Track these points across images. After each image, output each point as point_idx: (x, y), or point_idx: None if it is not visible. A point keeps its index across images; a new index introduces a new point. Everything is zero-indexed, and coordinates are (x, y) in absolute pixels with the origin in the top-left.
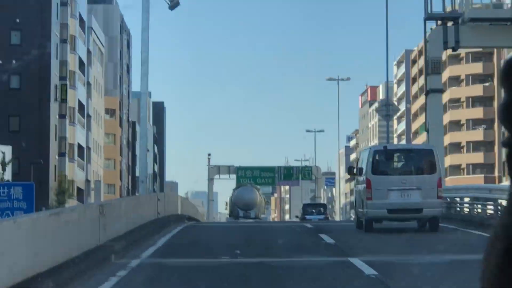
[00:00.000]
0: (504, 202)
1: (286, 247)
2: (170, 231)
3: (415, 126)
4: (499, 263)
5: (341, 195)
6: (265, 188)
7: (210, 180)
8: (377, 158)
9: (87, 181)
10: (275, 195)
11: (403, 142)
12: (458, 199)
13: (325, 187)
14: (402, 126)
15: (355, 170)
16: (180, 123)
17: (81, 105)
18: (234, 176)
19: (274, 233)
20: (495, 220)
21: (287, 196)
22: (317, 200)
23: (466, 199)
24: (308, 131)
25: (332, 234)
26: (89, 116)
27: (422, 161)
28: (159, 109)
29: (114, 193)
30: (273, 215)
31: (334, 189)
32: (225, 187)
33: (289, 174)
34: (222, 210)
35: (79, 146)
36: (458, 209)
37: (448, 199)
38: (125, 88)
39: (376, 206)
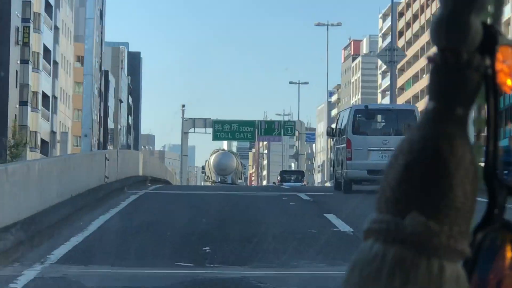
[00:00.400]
0: None
1: (282, 239)
2: (117, 203)
3: (400, 82)
4: (397, 177)
5: (321, 152)
6: (243, 143)
7: (184, 134)
8: (357, 117)
9: (53, 133)
10: (253, 150)
11: (387, 99)
12: None
13: (305, 143)
14: (386, 82)
15: (334, 131)
16: (159, 75)
17: (47, 50)
18: (210, 130)
19: (260, 208)
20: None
21: (266, 152)
22: (300, 158)
23: None
24: (291, 83)
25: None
26: (55, 63)
27: (403, 121)
28: (135, 60)
29: None
30: (251, 171)
31: (314, 145)
32: (204, 141)
33: (270, 129)
34: (199, 164)
35: (44, 95)
36: None
37: None
38: (98, 36)
39: (356, 166)
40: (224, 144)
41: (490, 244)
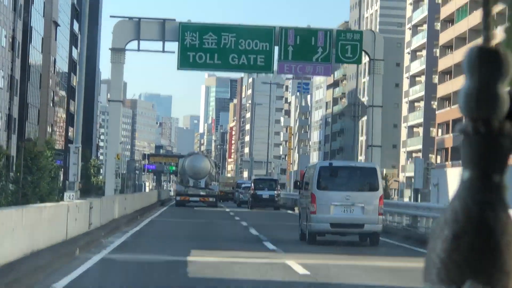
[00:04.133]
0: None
1: None
2: None
3: (445, 11)
4: (446, 248)
5: (319, 106)
6: (221, 90)
7: (114, 53)
8: (322, 173)
9: None
10: (234, 100)
11: (421, 36)
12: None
13: (297, 93)
14: (420, 14)
15: (300, 184)
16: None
17: None
18: (173, 46)
19: None
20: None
21: (249, 103)
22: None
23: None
24: None
25: None
26: None
27: (365, 178)
28: None
29: None
30: (231, 124)
31: (309, 97)
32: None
33: (307, 47)
34: (175, 115)
35: None
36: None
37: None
38: None
39: (320, 220)
40: (203, 81)
41: None
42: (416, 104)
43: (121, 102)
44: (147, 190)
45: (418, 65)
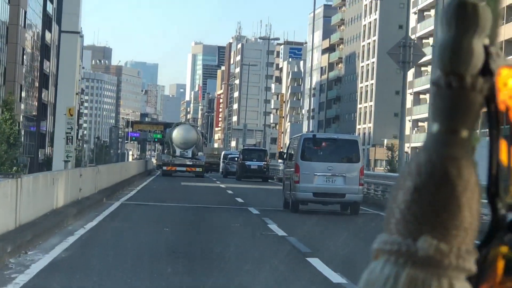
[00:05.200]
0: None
1: None
2: None
3: None
4: (406, 200)
5: (314, 71)
6: (208, 58)
7: None
8: (306, 145)
9: None
10: (222, 67)
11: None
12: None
13: (289, 59)
14: None
15: (285, 155)
16: None
17: None
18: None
19: None
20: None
21: (237, 70)
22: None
23: None
24: None
25: None
26: None
27: (347, 150)
28: None
29: None
30: (219, 91)
31: (302, 62)
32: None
33: None
34: (162, 83)
35: None
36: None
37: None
38: None
39: (303, 189)
40: (189, 49)
41: (491, 260)
42: (423, 68)
43: (78, 34)
44: (130, 159)
45: (426, 26)
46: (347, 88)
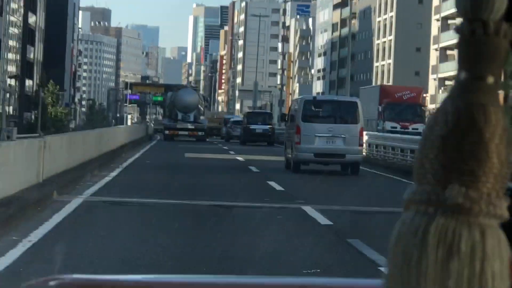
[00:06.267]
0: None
1: None
2: None
3: None
4: (434, 149)
5: (324, 29)
6: (211, 19)
7: None
8: (307, 107)
9: None
10: (225, 27)
11: None
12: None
13: (297, 16)
14: None
15: (287, 117)
16: None
17: None
18: None
19: None
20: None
21: (242, 29)
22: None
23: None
24: None
25: None
26: None
27: (347, 112)
28: None
29: None
30: (222, 52)
31: (311, 19)
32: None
33: None
34: (162, 45)
35: None
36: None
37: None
38: None
39: (304, 150)
40: (191, 11)
41: None
42: (450, 22)
43: None
44: (129, 123)
45: None
46: (362, 46)
